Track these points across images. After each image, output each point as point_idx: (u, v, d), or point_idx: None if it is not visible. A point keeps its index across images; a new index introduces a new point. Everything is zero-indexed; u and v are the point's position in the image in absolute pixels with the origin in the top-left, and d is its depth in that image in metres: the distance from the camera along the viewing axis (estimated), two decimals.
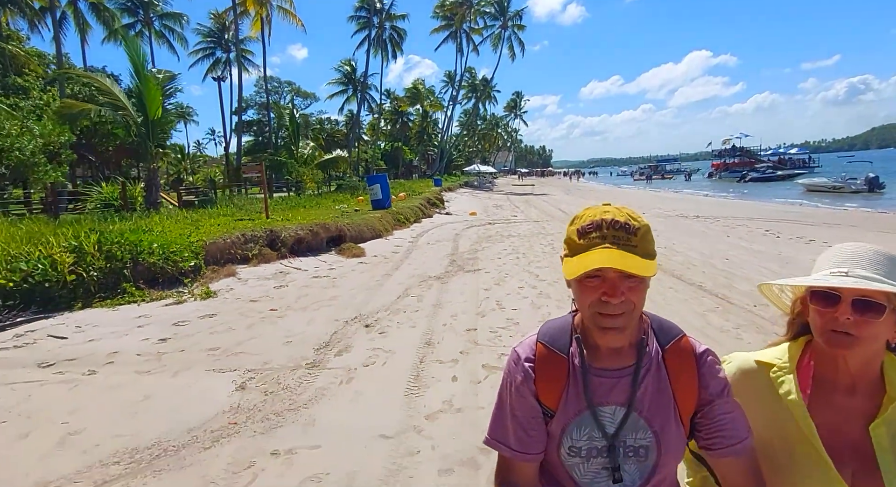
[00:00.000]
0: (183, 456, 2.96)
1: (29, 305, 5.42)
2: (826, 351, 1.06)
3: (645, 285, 0.93)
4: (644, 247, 0.92)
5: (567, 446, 0.99)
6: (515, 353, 1.07)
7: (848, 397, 1.06)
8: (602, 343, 0.99)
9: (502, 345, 4.74)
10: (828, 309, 1.00)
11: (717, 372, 1.02)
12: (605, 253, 0.89)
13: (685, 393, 1.00)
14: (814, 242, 11.56)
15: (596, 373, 1.00)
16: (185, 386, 3.95)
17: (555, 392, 1.01)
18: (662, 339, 1.04)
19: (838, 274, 1.00)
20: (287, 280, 7.43)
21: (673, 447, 0.99)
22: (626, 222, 0.92)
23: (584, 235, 0.93)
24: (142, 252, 6.33)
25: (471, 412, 3.47)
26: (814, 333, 1.06)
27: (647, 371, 1.00)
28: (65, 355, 4.52)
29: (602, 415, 0.99)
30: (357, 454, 2.97)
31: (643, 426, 0.98)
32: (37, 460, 2.92)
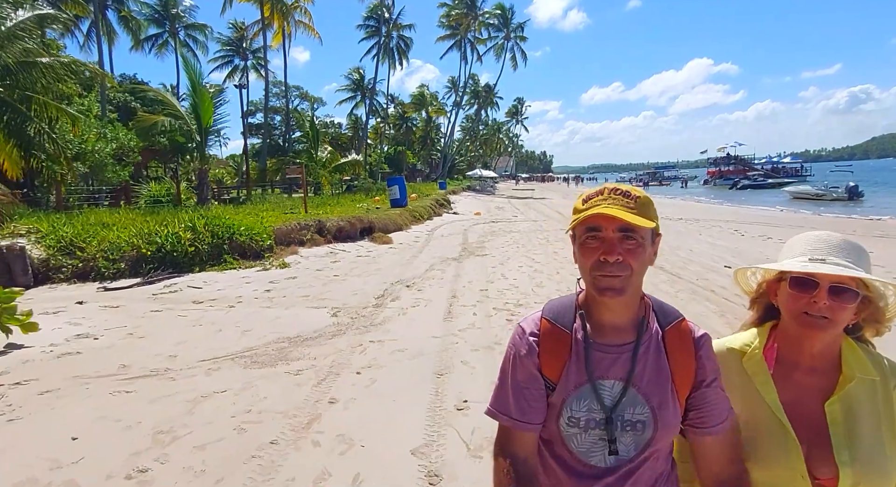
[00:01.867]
0: (318, 341, 5.01)
1: (164, 267, 7.50)
2: (792, 334, 1.12)
3: (644, 249, 0.96)
4: (643, 211, 0.96)
5: (567, 416, 1.02)
6: (520, 328, 1.10)
7: (807, 375, 1.12)
8: (605, 309, 1.02)
9: (506, 298, 6.78)
10: (805, 294, 1.05)
11: (712, 356, 1.06)
12: (603, 209, 0.94)
13: (682, 373, 1.03)
14: (770, 239, 13.59)
15: (597, 348, 1.03)
16: (297, 313, 6.00)
17: (557, 365, 1.04)
18: (663, 320, 1.06)
19: (816, 261, 1.05)
20: (338, 257, 9.53)
21: (669, 423, 1.02)
22: (628, 190, 0.99)
23: (588, 200, 1.00)
24: (235, 232, 8.42)
25: (487, 330, 5.49)
26: (786, 315, 1.11)
27: (647, 348, 1.03)
28: (206, 297, 6.59)
29: (601, 389, 1.01)
30: (420, 343, 5.00)
31: (641, 401, 1.01)
32: (236, 341, 4.97)
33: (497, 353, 4.68)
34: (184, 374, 4.07)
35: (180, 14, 32.97)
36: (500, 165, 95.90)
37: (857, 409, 1.08)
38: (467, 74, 54.41)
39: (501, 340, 5.04)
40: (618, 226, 0.94)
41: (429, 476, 2.73)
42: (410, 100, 59.35)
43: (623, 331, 1.03)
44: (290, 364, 4.38)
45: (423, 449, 3.00)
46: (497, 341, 5.01)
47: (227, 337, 5.09)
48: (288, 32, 29.02)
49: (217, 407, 3.50)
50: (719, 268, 8.98)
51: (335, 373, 4.16)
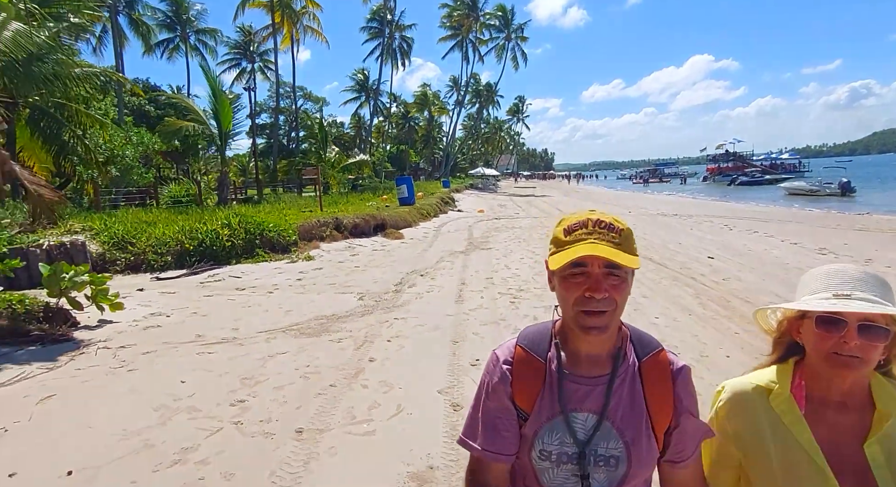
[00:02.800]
0: (351, 318, 5.95)
1: (205, 260, 8.46)
2: (820, 371, 1.07)
3: (627, 284, 0.95)
4: (627, 246, 0.95)
5: (538, 449, 1.00)
6: (494, 355, 1.08)
7: (838, 414, 1.07)
8: (584, 344, 1.00)
9: (509, 285, 7.70)
10: (833, 334, 1.00)
11: (690, 390, 1.03)
12: (591, 246, 0.92)
13: (659, 406, 1.00)
14: (756, 233, 14.48)
15: (572, 379, 1.00)
16: (328, 297, 6.95)
17: (530, 395, 1.02)
18: (640, 351, 1.04)
19: (842, 297, 1.01)
20: (356, 251, 10.49)
21: (643, 458, 0.99)
22: (611, 223, 0.96)
23: (571, 232, 0.97)
24: (264, 229, 9.39)
25: (493, 310, 6.42)
26: (814, 355, 1.06)
27: (623, 381, 1.00)
28: (247, 285, 7.55)
29: (574, 421, 0.99)
30: (437, 320, 5.93)
31: (615, 436, 0.98)
32: (282, 318, 5.92)
33: (502, 328, 5.61)
34: (249, 341, 5.02)
35: (191, 19, 33.91)
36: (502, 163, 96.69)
37: None
38: (469, 74, 55.32)
39: (506, 317, 5.97)
40: (605, 262, 0.92)
41: (452, 406, 3.66)
42: (413, 100, 60.28)
43: (599, 363, 1.01)
44: (332, 334, 5.32)
45: (447, 389, 3.93)
46: (502, 318, 5.95)
47: (274, 316, 6.04)
48: (296, 37, 29.97)
49: (282, 363, 4.44)
50: (703, 259, 9.89)
51: (370, 341, 5.10)
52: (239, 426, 3.31)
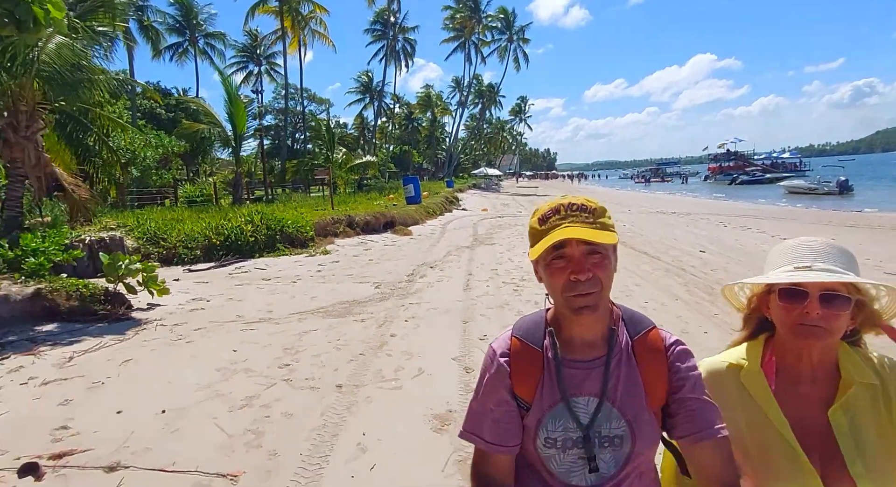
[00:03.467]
0: (370, 303, 6.62)
1: (231, 254, 9.15)
2: (789, 345, 1.10)
3: (609, 261, 0.96)
4: (601, 222, 0.96)
5: (543, 437, 1.01)
6: (491, 349, 1.10)
7: (809, 386, 1.09)
8: (578, 327, 1.02)
9: (512, 276, 8.35)
10: (796, 305, 1.03)
11: (686, 361, 1.04)
12: (566, 229, 0.94)
13: (655, 382, 1.02)
14: (749, 229, 15.11)
15: (569, 365, 1.02)
16: (348, 286, 7.62)
17: (530, 385, 1.03)
18: (632, 330, 1.05)
19: (801, 269, 1.03)
20: (368, 246, 11.17)
21: (647, 435, 1.01)
22: (583, 204, 0.98)
23: (545, 221, 0.99)
24: (284, 225, 10.07)
25: (498, 296, 7.08)
26: (781, 328, 1.09)
27: (619, 361, 1.02)
28: (272, 276, 8.23)
29: (576, 406, 1.00)
30: (448, 304, 6.59)
31: (616, 415, 1.00)
32: (309, 303, 6.59)
33: (507, 311, 6.26)
34: (283, 321, 5.70)
35: (200, 23, 34.67)
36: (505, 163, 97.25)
37: (861, 416, 1.05)
38: (471, 75, 55.97)
39: (509, 302, 6.63)
40: (583, 243, 0.94)
41: (465, 369, 4.32)
42: (416, 101, 60.95)
43: (594, 346, 1.03)
44: (355, 316, 5.99)
45: (460, 357, 4.59)
46: (506, 303, 6.60)
47: (301, 301, 6.71)
48: (304, 41, 30.72)
49: (316, 337, 5.12)
50: (695, 253, 10.52)
51: (389, 321, 5.77)
52: (289, 382, 3.98)
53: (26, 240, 5.70)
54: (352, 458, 2.93)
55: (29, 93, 8.49)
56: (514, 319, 4.56)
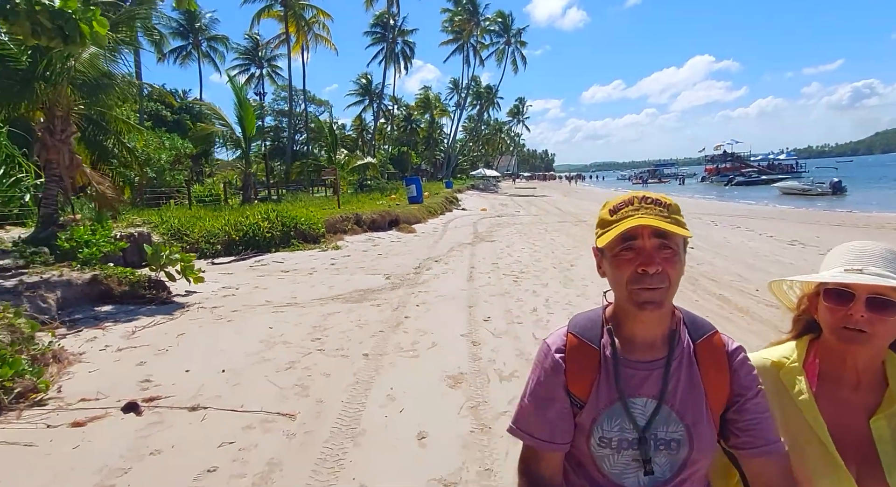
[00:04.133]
0: (383, 291, 7.30)
1: (250, 248, 9.83)
2: (833, 348, 1.07)
3: (679, 258, 0.93)
4: (676, 219, 0.93)
5: (597, 437, 0.99)
6: (546, 344, 1.07)
7: (852, 392, 1.07)
8: (639, 323, 0.99)
9: (512, 269, 9.04)
10: (841, 307, 1.01)
11: (749, 369, 1.02)
12: (640, 219, 0.91)
13: (716, 388, 0.99)
14: (738, 228, 15.81)
15: (627, 365, 1.00)
16: (360, 277, 8.30)
17: (585, 382, 1.01)
18: (694, 334, 1.03)
19: (852, 272, 1.01)
20: (376, 242, 11.86)
21: (705, 441, 0.98)
22: (658, 198, 0.95)
23: (617, 211, 0.96)
24: (297, 222, 10.75)
25: (498, 286, 7.75)
26: (825, 330, 1.07)
27: (679, 364, 1.00)
28: (289, 268, 8.91)
29: (633, 407, 0.98)
30: (454, 292, 7.27)
31: (675, 419, 0.98)
32: (328, 291, 7.27)
33: (507, 298, 6.93)
34: (308, 305, 6.38)
35: (203, 27, 35.35)
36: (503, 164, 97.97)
37: None
38: (469, 77, 56.69)
39: (510, 291, 7.30)
40: (654, 233, 0.91)
41: (472, 343, 5.00)
42: (415, 102, 61.64)
43: (654, 347, 1.00)
44: (371, 301, 6.67)
45: (467, 334, 5.27)
46: (506, 291, 7.27)
47: (320, 289, 7.39)
48: (307, 45, 31.45)
49: (339, 318, 5.79)
50: None
51: (402, 306, 6.45)
52: (322, 351, 4.66)
53: (79, 232, 6.37)
54: (383, 405, 3.61)
55: (64, 99, 9.15)
56: (514, 305, 5.25)
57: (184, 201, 18.70)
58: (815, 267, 1.16)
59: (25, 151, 11.74)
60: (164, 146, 16.01)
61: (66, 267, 5.92)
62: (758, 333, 5.07)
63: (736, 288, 7.25)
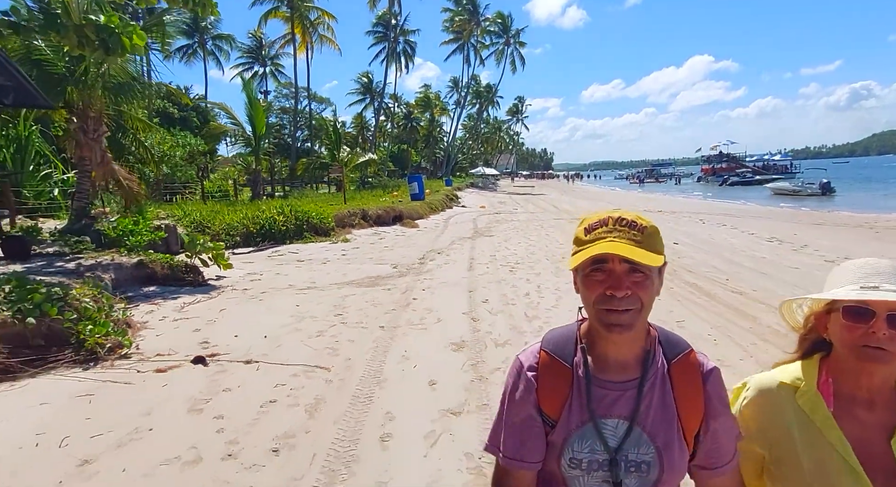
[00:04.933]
0: (391, 278, 8.11)
1: (266, 240, 10.64)
2: (847, 368, 1.07)
3: (651, 282, 0.93)
4: (650, 243, 0.93)
5: (568, 457, 0.98)
6: (518, 361, 1.07)
7: (867, 411, 1.06)
8: (610, 344, 0.99)
9: (508, 260, 9.85)
10: (860, 325, 1.00)
11: (720, 391, 1.02)
12: (609, 244, 0.91)
13: (689, 409, 0.99)
14: (724, 226, 16.62)
15: (600, 385, 0.99)
16: (370, 266, 9.11)
17: (557, 401, 1.00)
18: (669, 353, 1.02)
19: (868, 289, 1.00)
20: (382, 236, 12.69)
21: (676, 463, 0.98)
22: (634, 220, 0.94)
23: (591, 231, 0.95)
24: (310, 217, 11.56)
25: (496, 274, 8.56)
26: (842, 349, 1.05)
27: (653, 385, 0.99)
28: (305, 258, 9.72)
29: (605, 428, 0.98)
30: (456, 279, 8.08)
31: (646, 441, 0.97)
32: (342, 277, 8.09)
33: (503, 285, 7.74)
34: (326, 289, 7.19)
35: (208, 26, 36.06)
36: (502, 163, 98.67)
37: None
38: (469, 76, 57.45)
39: (506, 279, 8.10)
40: (624, 259, 0.90)
41: (472, 319, 5.81)
42: (415, 101, 62.33)
43: (627, 367, 0.99)
44: (382, 286, 7.48)
45: (468, 312, 6.09)
46: (503, 279, 8.08)
47: (335, 276, 8.20)
48: (311, 45, 32.22)
49: (355, 299, 6.61)
50: (669, 244, 11.97)
51: (410, 290, 7.26)
52: (344, 324, 5.48)
53: (123, 223, 7.17)
54: (400, 362, 4.43)
55: (96, 101, 9.92)
56: (509, 290, 6.25)
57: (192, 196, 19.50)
58: (790, 262, 1.69)
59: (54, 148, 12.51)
60: (178, 144, 16.80)
61: (114, 253, 6.72)
62: (718, 313, 5.90)
63: (709, 278, 8.07)
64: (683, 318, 5.67)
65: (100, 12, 7.87)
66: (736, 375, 4.07)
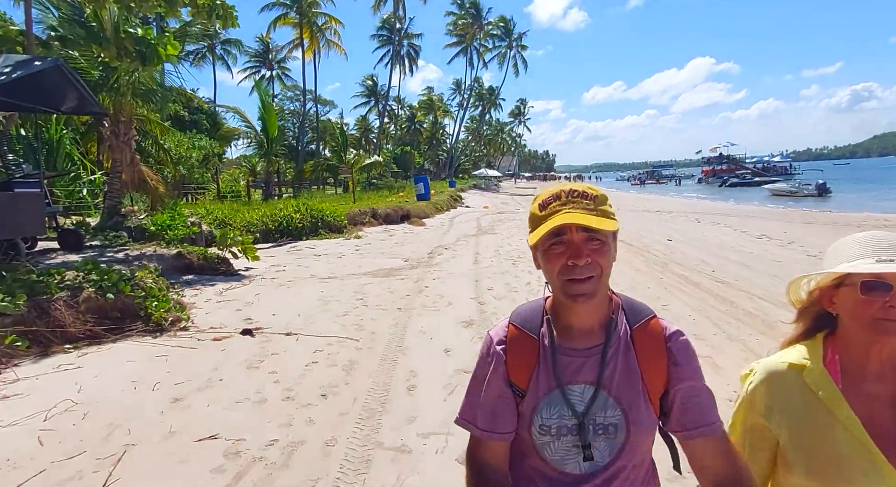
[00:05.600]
0: (403, 270, 8.81)
1: (284, 236, 11.35)
2: (856, 342, 1.07)
3: (609, 248, 0.96)
4: (602, 209, 0.96)
5: (538, 425, 1.02)
6: (489, 336, 1.11)
7: (876, 384, 1.06)
8: (574, 315, 1.02)
9: (510, 254, 10.54)
10: (878, 298, 1.00)
11: (687, 352, 1.04)
12: (566, 215, 0.94)
13: (653, 372, 1.02)
14: (718, 225, 17.27)
15: (565, 353, 1.03)
16: (383, 260, 9.81)
17: (525, 372, 1.05)
18: (632, 319, 1.06)
19: (884, 262, 1.00)
20: (391, 233, 13.41)
21: (643, 425, 1.01)
22: (585, 191, 0.98)
23: (546, 206, 0.98)
24: (324, 215, 12.29)
25: (499, 266, 9.25)
26: (853, 323, 1.06)
27: (616, 350, 1.02)
28: (321, 253, 10.43)
29: (571, 394, 1.01)
30: (463, 271, 8.77)
31: (612, 404, 1.00)
32: (358, 269, 8.79)
33: (507, 276, 8.43)
34: (346, 278, 7.89)
35: (217, 31, 36.85)
36: (504, 165, 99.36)
37: None
38: (472, 78, 58.19)
39: (509, 270, 8.79)
40: (582, 228, 0.93)
41: (479, 303, 6.50)
42: (418, 104, 63.08)
43: (591, 334, 1.03)
44: (396, 277, 8.18)
45: (475, 297, 6.78)
46: (506, 271, 8.77)
47: (352, 268, 8.90)
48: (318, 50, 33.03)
49: (373, 287, 7.30)
50: (663, 241, 12.71)
51: (422, 280, 7.95)
52: (366, 306, 6.18)
53: (162, 218, 7.89)
54: (418, 336, 5.12)
55: (127, 107, 10.66)
56: (512, 280, 7.13)
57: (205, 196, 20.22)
58: (774, 256, 2.00)
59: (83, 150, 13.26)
60: (193, 146, 17.57)
61: (155, 245, 7.44)
62: (700, 299, 6.59)
63: (697, 270, 8.75)
64: (669, 303, 6.35)
65: (137, 26, 8.62)
66: (708, 346, 4.81)
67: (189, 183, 17.79)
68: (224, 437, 2.98)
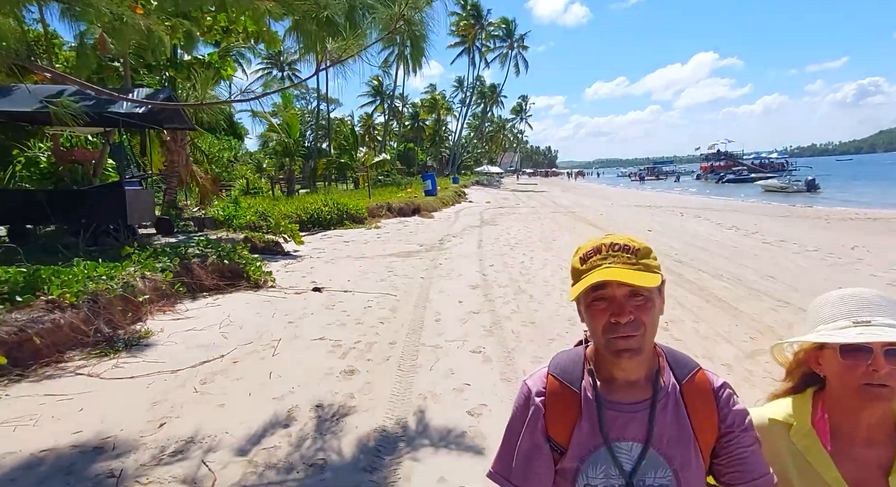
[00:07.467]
0: (419, 253, 10.71)
1: (315, 226, 13.28)
2: (845, 405, 1.05)
3: (653, 303, 0.94)
4: (644, 263, 0.95)
5: (582, 484, 0.97)
6: (526, 386, 1.07)
7: (864, 449, 1.05)
8: (619, 370, 0.99)
9: (510, 241, 12.40)
10: (860, 363, 0.99)
11: (734, 404, 1.02)
12: (606, 270, 0.92)
13: (706, 427, 0.99)
14: (699, 218, 19.03)
15: (610, 407, 0.99)
16: (402, 245, 11.71)
17: (566, 427, 1.00)
18: (679, 373, 1.03)
19: (861, 324, 1.00)
20: (406, 224, 15.35)
21: (693, 485, 0.97)
22: (626, 244, 0.96)
23: (586, 260, 0.97)
24: (347, 208, 14.20)
25: (500, 249, 11.11)
26: (839, 387, 1.05)
27: (665, 405, 0.99)
28: (348, 240, 12.36)
29: (619, 452, 0.97)
30: (469, 253, 10.66)
31: (662, 463, 0.96)
32: (382, 251, 10.70)
33: (505, 257, 10.29)
34: (375, 258, 9.80)
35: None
36: (506, 161, 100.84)
37: None
38: (474, 77, 59.83)
39: (506, 253, 10.66)
40: (623, 283, 0.91)
41: (483, 275, 8.37)
42: (422, 103, 64.73)
43: (637, 387, 1.00)
44: (414, 257, 10.07)
45: (479, 271, 8.66)
46: (504, 253, 10.64)
47: (378, 250, 10.81)
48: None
49: (398, 264, 9.20)
50: (644, 231, 14.52)
51: (436, 259, 9.84)
52: (395, 276, 8.08)
53: (229, 210, 9.80)
54: (438, 294, 7.00)
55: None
56: (509, 259, 9.75)
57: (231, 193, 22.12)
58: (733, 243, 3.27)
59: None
60: (224, 147, 19.54)
61: (225, 231, 9.37)
62: None
63: (663, 253, 10.59)
64: None
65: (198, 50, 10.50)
66: None
67: (223, 180, 19.73)
68: (328, 339, 4.90)
